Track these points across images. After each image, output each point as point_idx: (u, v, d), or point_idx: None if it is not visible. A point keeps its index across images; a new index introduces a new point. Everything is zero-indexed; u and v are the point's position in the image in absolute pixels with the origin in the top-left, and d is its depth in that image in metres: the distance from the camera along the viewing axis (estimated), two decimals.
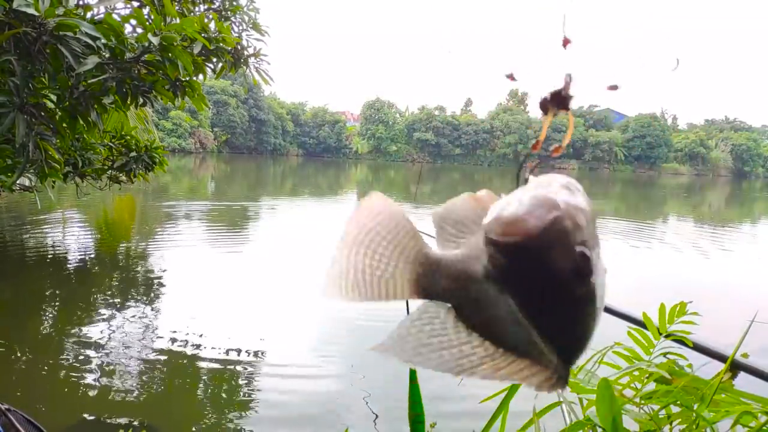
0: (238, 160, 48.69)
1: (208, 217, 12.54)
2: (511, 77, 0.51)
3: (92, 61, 3.32)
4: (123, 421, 3.28)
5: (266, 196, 19.59)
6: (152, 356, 4.29)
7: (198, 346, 4.51)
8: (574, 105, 0.49)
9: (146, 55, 3.66)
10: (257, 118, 65.20)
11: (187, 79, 4.14)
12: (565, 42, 0.50)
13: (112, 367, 4.06)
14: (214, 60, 4.80)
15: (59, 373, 3.94)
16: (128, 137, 6.63)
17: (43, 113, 3.77)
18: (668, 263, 10.09)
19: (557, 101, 0.50)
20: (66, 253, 7.73)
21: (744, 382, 1.19)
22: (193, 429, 3.41)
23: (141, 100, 4.04)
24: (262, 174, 34.01)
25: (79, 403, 3.55)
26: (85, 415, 3.40)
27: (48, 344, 4.47)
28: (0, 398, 2.12)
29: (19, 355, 4.20)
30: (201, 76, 4.54)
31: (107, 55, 3.62)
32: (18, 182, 6.01)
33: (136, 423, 3.19)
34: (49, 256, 7.43)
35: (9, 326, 4.77)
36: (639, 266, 9.63)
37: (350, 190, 24.22)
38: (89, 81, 3.60)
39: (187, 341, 4.60)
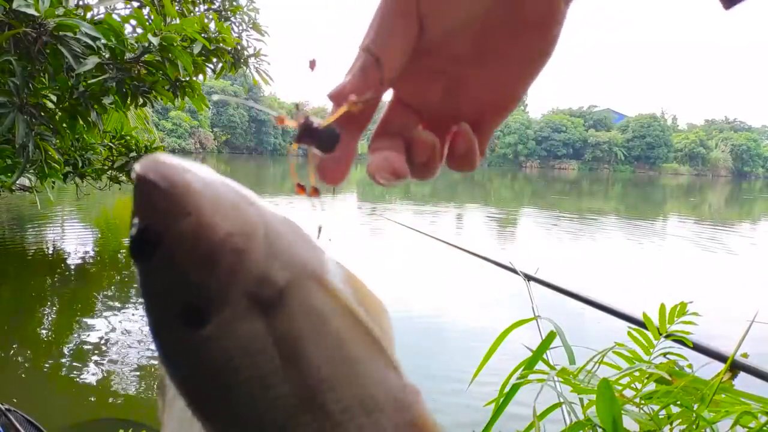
0: (238, 160, 48.70)
1: None
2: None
3: (92, 61, 3.32)
4: (122, 421, 3.28)
5: (266, 195, 19.58)
6: (152, 356, 4.29)
7: None
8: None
9: (146, 56, 3.66)
10: (257, 118, 65.28)
11: (187, 79, 4.14)
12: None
13: (112, 367, 4.06)
14: (214, 60, 4.80)
15: (59, 373, 3.94)
16: (128, 137, 6.63)
17: (43, 113, 3.77)
18: (668, 263, 10.09)
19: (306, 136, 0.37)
20: (66, 253, 7.73)
21: (744, 382, 1.19)
22: None
23: (141, 101, 4.04)
24: (262, 174, 34.03)
25: (79, 403, 3.55)
26: (85, 415, 3.40)
27: (48, 344, 4.46)
28: (0, 398, 2.12)
29: (19, 355, 4.19)
30: (201, 76, 4.54)
31: (107, 56, 3.62)
32: (18, 182, 6.01)
33: (135, 423, 3.18)
34: (49, 257, 7.42)
35: (9, 326, 4.76)
36: (639, 266, 9.63)
37: (350, 191, 24.22)
38: (89, 81, 3.60)
39: None
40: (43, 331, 4.77)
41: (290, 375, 0.31)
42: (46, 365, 4.06)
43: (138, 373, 3.99)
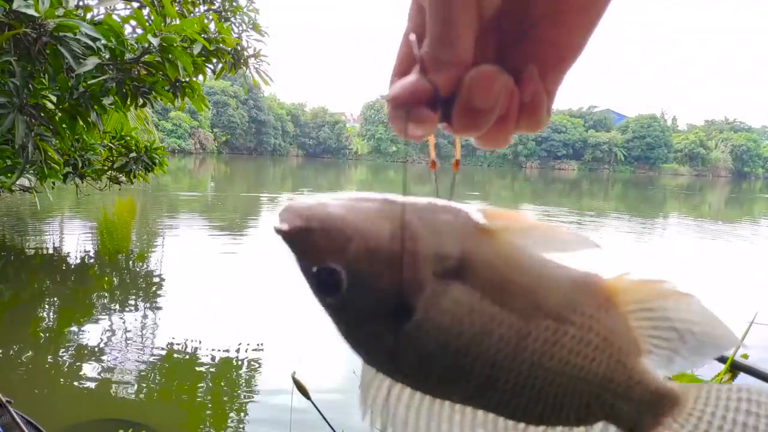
0: (237, 161, 48.72)
1: (207, 218, 12.53)
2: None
3: (92, 62, 3.32)
4: (122, 421, 3.28)
5: (267, 194, 19.58)
6: (152, 356, 4.29)
7: (197, 347, 4.51)
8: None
9: (146, 56, 3.66)
10: (257, 119, 65.29)
11: (187, 79, 4.14)
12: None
13: (111, 368, 4.06)
14: (214, 61, 4.80)
15: (59, 374, 3.94)
16: (128, 138, 6.63)
17: (42, 114, 3.77)
18: (667, 262, 10.09)
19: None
20: (66, 253, 7.72)
21: (744, 383, 1.19)
22: (193, 429, 3.41)
23: (141, 101, 4.04)
24: (263, 174, 34.02)
25: (78, 404, 3.55)
26: (85, 416, 3.40)
27: (48, 345, 4.46)
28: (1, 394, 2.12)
29: (18, 355, 4.19)
30: (201, 77, 4.54)
31: (107, 56, 3.62)
32: (18, 183, 6.00)
33: (135, 423, 3.18)
34: (49, 257, 7.42)
35: (9, 327, 4.76)
36: (638, 265, 9.63)
37: (350, 191, 24.29)
38: (89, 82, 3.60)
39: (186, 341, 4.60)
40: (43, 332, 4.77)
41: (506, 312, 0.36)
42: (46, 365, 4.06)
43: (137, 374, 3.99)
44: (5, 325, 4.79)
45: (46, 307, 5.53)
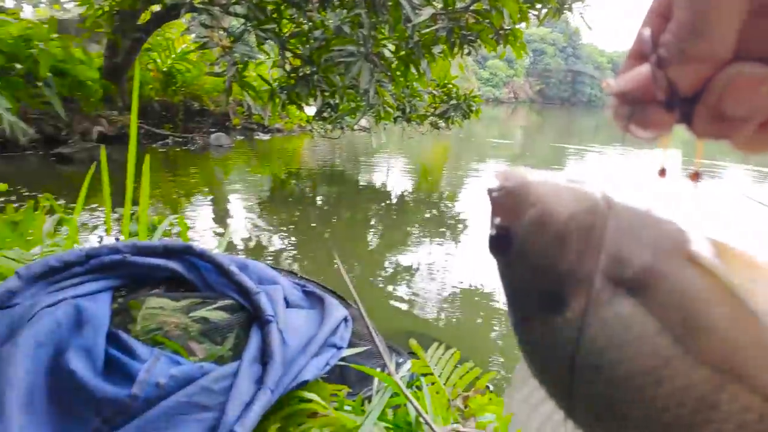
0: (549, 111, 47.81)
1: (512, 166, 12.77)
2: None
3: (427, 11, 3.60)
4: (428, 337, 3.65)
5: (572, 145, 18.85)
6: (450, 288, 4.66)
7: (491, 286, 4.71)
8: None
9: (475, 4, 3.79)
10: (573, 68, 62.47)
11: (510, 27, 4.16)
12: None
13: (419, 290, 4.54)
14: (539, 6, 4.70)
15: (376, 289, 4.59)
16: (450, 86, 7.08)
17: (382, 62, 4.27)
18: None
19: None
20: (390, 188, 8.82)
21: None
22: (484, 359, 3.62)
23: (466, 49, 4.23)
24: (574, 125, 32.76)
25: (392, 317, 4.08)
26: (398, 328, 3.90)
27: (371, 263, 5.23)
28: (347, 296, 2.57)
29: (350, 269, 5.02)
30: (523, 24, 4.51)
31: (440, 6, 3.87)
32: (358, 123, 7.04)
33: (440, 341, 3.51)
34: (376, 189, 8.59)
35: (346, 243, 5.72)
36: None
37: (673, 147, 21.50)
38: (422, 31, 3.91)
39: (481, 280, 4.84)
40: (369, 252, 5.60)
41: (681, 358, 0.28)
42: (370, 279, 4.77)
43: (439, 297, 4.39)
44: (344, 242, 5.77)
45: (371, 231, 6.45)
